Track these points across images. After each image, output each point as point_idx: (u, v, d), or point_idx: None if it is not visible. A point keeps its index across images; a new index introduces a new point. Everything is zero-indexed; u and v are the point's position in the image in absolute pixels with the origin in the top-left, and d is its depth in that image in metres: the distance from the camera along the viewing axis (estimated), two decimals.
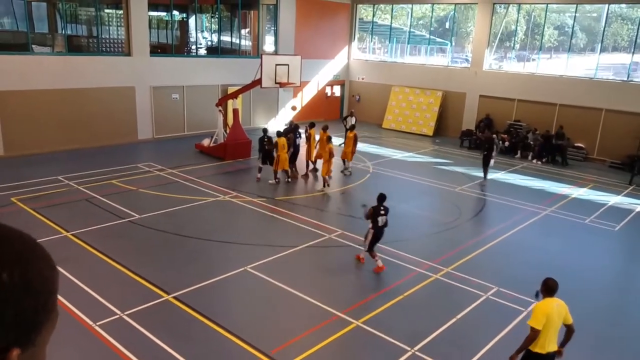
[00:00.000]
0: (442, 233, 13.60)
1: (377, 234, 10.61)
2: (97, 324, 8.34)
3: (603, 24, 23.65)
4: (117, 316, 8.60)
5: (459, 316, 9.11)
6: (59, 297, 1.09)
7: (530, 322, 6.35)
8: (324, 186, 16.34)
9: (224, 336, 8.20)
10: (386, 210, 10.64)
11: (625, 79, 22.39)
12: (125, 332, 8.18)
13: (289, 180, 16.82)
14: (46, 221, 12.48)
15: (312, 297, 9.52)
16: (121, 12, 21.32)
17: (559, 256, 12.14)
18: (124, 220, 12.94)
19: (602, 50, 23.54)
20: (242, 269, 10.56)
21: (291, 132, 17.52)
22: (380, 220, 10.53)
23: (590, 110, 22.58)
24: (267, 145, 16.64)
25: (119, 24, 21.68)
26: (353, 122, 21.69)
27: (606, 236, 13.77)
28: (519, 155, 22.95)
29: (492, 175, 19.26)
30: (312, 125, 17.94)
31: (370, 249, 10.72)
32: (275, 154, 16.19)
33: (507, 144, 23.43)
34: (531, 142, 22.76)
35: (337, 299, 9.66)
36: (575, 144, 22.78)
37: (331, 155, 16.17)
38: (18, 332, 0.95)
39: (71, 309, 8.61)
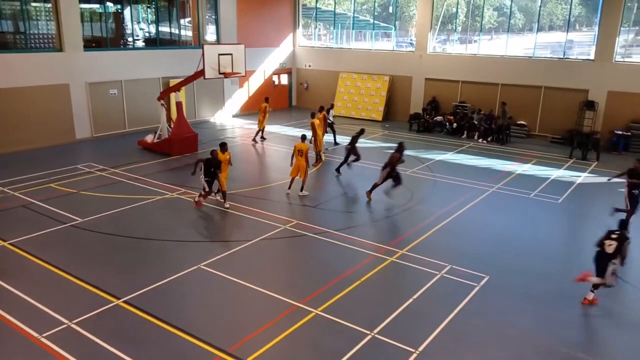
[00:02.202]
0: (396, 216, 13.66)
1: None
2: (44, 335, 7.88)
3: (539, 4, 24.30)
4: (65, 325, 8.16)
5: (415, 296, 9.24)
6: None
7: None
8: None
9: (181, 337, 7.92)
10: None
11: (562, 56, 23.10)
12: (75, 342, 7.76)
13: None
14: None
15: (269, 290, 9.36)
16: (49, 5, 20.23)
17: (508, 230, 12.59)
18: (65, 225, 12.31)
19: (539, 29, 24.21)
20: (196, 267, 10.24)
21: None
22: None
23: (530, 89, 23.26)
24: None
25: (48, 18, 20.56)
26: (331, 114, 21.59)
27: (550, 208, 14.30)
28: (465, 135, 23.39)
29: (441, 156, 19.59)
30: (321, 109, 18.39)
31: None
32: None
33: (454, 125, 23.82)
34: (476, 122, 23.19)
35: (294, 289, 9.53)
36: (518, 122, 23.39)
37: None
38: None
39: (13, 322, 8.13)
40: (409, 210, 13.95)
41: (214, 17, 26.27)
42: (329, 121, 20.32)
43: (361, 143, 17.95)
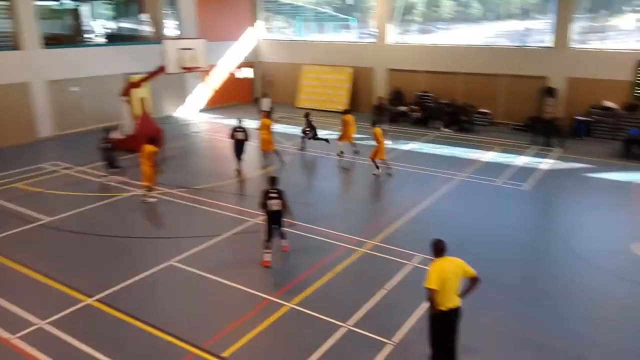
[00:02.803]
0: (365, 207, 13.87)
1: (269, 219, 10.16)
2: (15, 336, 7.86)
3: None
4: (37, 326, 8.13)
5: (388, 287, 9.36)
6: None
7: (425, 283, 6.61)
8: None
9: (154, 334, 7.96)
10: (279, 193, 10.08)
11: (520, 44, 23.65)
12: (47, 342, 7.76)
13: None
14: None
15: (242, 285, 9.43)
16: (5, 2, 19.68)
17: (476, 218, 12.77)
18: (33, 225, 12.16)
19: (497, 18, 24.68)
20: (168, 263, 10.26)
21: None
22: (270, 204, 10.03)
23: (491, 77, 23.66)
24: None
25: (3, 16, 20.01)
26: (268, 104, 21.47)
27: (516, 195, 14.55)
28: (430, 125, 23.66)
29: (407, 146, 19.86)
30: (374, 122, 16.71)
31: (266, 237, 10.20)
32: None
33: (418, 115, 24.13)
34: (440, 112, 23.51)
35: (267, 283, 9.63)
36: (480, 110, 23.79)
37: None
38: None
39: None
40: (378, 201, 14.17)
41: (173, 12, 25.94)
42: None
43: (327, 135, 18.14)
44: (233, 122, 16.69)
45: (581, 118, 21.47)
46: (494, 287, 9.16)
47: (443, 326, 6.79)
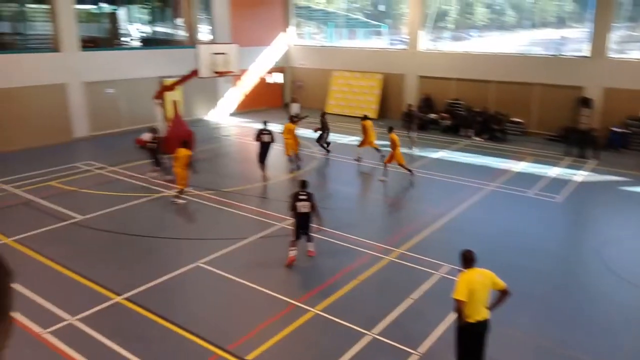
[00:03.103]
0: (392, 214, 13.78)
1: (297, 221, 10.33)
2: (47, 331, 8.03)
3: (530, 1, 24.38)
4: (67, 322, 8.30)
5: (414, 296, 9.25)
6: None
7: (453, 294, 6.52)
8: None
9: (180, 334, 8.05)
10: (309, 196, 10.29)
11: (555, 53, 23.25)
12: (77, 338, 7.91)
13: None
14: None
15: (267, 288, 9.46)
16: (47, 6, 20.29)
17: (506, 229, 12.51)
18: (66, 223, 12.44)
19: (532, 26, 24.33)
20: (194, 264, 10.37)
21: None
22: (299, 206, 10.21)
23: (525, 86, 23.28)
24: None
25: (45, 19, 20.62)
26: (297, 109, 21.60)
27: (549, 207, 14.21)
28: (460, 133, 23.42)
29: (436, 154, 19.67)
30: (391, 129, 16.39)
31: (294, 238, 10.40)
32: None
33: (448, 122, 23.92)
34: (472, 120, 23.27)
35: (292, 288, 9.64)
36: (513, 119, 23.43)
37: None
38: None
39: (16, 318, 8.19)
40: (406, 208, 14.06)
41: (207, 17, 26.33)
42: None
43: (355, 142, 18.14)
44: (260, 125, 16.80)
45: (617, 129, 20.93)
46: (523, 299, 8.97)
47: (470, 338, 6.68)
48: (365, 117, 18.51)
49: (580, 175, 17.09)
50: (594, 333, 8.29)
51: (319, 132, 18.98)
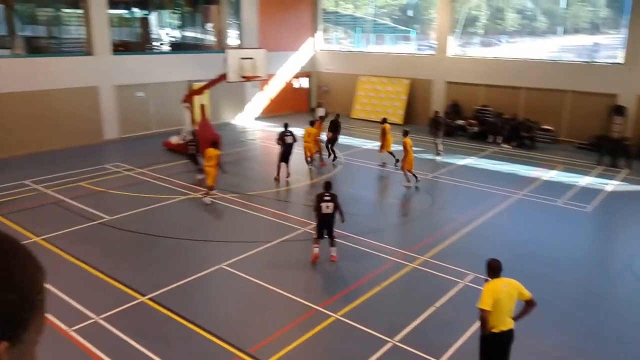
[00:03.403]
0: (417, 221, 13.67)
1: (321, 221, 10.58)
2: (72, 328, 8.16)
3: (563, 7, 23.96)
4: (92, 320, 8.43)
5: (437, 304, 9.14)
6: None
7: (478, 303, 6.42)
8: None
9: (201, 335, 8.10)
10: (332, 197, 10.57)
11: (588, 60, 22.79)
12: (101, 336, 8.03)
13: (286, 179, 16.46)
14: (15, 227, 12.15)
15: (289, 292, 9.46)
16: (80, 11, 20.78)
17: (534, 239, 12.26)
18: (94, 223, 12.67)
19: (564, 32, 23.91)
20: (218, 266, 10.44)
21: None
22: (323, 207, 10.44)
23: (555, 93, 22.87)
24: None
25: (79, 23, 21.13)
26: (322, 113, 21.64)
27: (579, 217, 13.90)
28: (489, 140, 23.12)
29: (463, 161, 19.46)
30: (406, 133, 16.37)
31: (317, 236, 10.70)
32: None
33: (475, 129, 23.65)
34: (500, 127, 22.97)
35: (314, 292, 9.64)
36: (544, 127, 23.02)
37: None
38: (3, 326, 0.96)
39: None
40: (430, 215, 13.91)
41: (236, 22, 26.60)
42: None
43: (378, 146, 18.03)
44: (281, 128, 16.96)
45: None
46: (550, 309, 8.81)
47: (494, 348, 6.58)
48: (384, 121, 18.43)
49: (611, 185, 16.69)
50: (622, 348, 8.07)
51: (332, 135, 18.91)
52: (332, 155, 18.88)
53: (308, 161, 17.40)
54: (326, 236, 10.70)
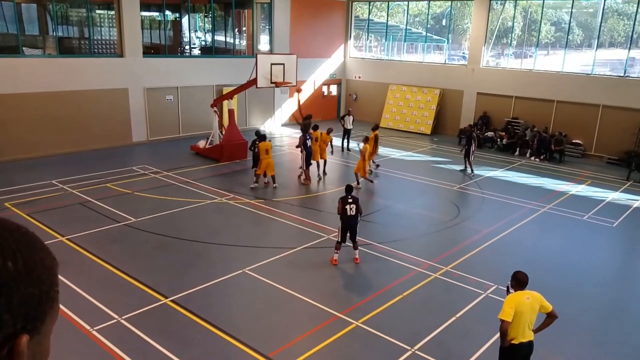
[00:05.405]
0: (441, 232, 13.49)
1: (345, 223, 10.73)
2: (95, 328, 8.23)
3: (599, 20, 23.57)
4: (115, 320, 8.48)
5: (458, 315, 9.06)
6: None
7: (499, 314, 6.38)
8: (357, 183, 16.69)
9: (223, 339, 8.10)
10: (355, 200, 10.86)
11: (622, 74, 22.31)
12: (123, 337, 8.07)
13: (275, 186, 16.40)
14: (41, 226, 12.33)
15: (311, 299, 9.42)
16: (113, 12, 21.13)
17: (558, 253, 12.13)
18: (120, 224, 12.79)
19: (599, 46, 23.47)
20: (241, 271, 10.44)
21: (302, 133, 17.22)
22: (347, 209, 10.70)
23: (587, 107, 22.48)
24: (255, 149, 16.54)
25: (110, 25, 21.49)
26: (351, 121, 21.63)
27: (605, 232, 13.70)
28: (517, 152, 22.82)
29: (490, 173, 19.21)
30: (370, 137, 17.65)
31: (340, 240, 10.88)
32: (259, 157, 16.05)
33: (505, 141, 23.34)
34: (529, 140, 22.64)
35: (336, 299, 9.57)
36: (573, 141, 22.67)
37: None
38: (25, 319, 0.97)
39: (68, 314, 8.49)
40: (455, 226, 13.75)
41: (267, 27, 26.77)
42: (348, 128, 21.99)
43: (409, 157, 17.86)
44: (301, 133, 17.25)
45: None
46: (572, 324, 8.73)
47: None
48: (376, 127, 19.27)
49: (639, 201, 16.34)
50: None
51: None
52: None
53: (367, 179, 17.02)
54: (349, 240, 10.83)
